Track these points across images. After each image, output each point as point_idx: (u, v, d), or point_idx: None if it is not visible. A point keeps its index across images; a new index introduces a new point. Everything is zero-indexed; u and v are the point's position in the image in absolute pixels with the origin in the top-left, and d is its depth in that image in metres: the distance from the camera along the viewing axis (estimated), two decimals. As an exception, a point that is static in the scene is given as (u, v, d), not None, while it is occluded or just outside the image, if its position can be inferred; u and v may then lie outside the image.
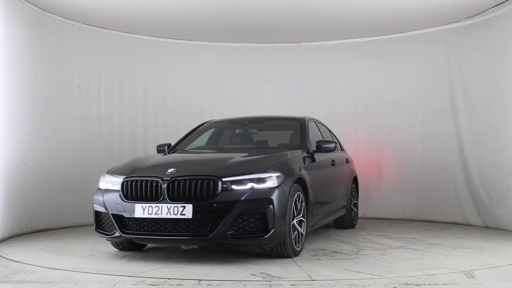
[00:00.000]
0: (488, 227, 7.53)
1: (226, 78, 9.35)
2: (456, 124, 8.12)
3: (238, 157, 5.23)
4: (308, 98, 9.25)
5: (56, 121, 7.64)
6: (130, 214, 4.78)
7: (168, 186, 4.71)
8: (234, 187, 4.67)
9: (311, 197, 5.46)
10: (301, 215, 5.14)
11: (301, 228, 5.16)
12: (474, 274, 4.39)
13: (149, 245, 5.63)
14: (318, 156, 6.05)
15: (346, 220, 7.38)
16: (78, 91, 8.04)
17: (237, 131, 6.85)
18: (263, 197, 4.65)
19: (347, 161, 7.44)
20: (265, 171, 4.79)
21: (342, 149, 7.68)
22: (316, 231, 7.14)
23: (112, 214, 4.90)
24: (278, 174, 4.82)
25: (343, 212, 7.14)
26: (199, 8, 7.46)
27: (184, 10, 7.56)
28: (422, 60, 8.63)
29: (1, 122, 6.40)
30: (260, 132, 6.80)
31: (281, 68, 9.42)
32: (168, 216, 4.63)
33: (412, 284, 4.00)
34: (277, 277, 4.20)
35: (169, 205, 4.66)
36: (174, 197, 4.69)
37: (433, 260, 4.93)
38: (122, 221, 4.87)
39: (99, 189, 5.20)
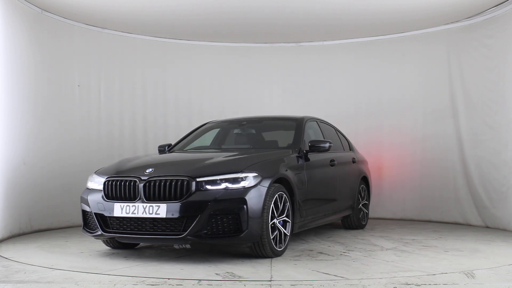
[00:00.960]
0: (488, 227, 7.53)
1: (226, 78, 9.35)
2: (456, 124, 8.12)
3: (220, 157, 5.30)
4: (308, 98, 9.25)
5: (56, 121, 7.64)
6: (110, 213, 4.92)
7: (144, 186, 4.82)
8: (208, 187, 4.73)
9: (298, 197, 5.45)
10: (284, 215, 5.15)
11: (285, 228, 5.17)
12: (474, 274, 4.39)
13: (141, 243, 5.71)
14: (313, 156, 6.05)
15: (353, 221, 7.30)
16: (78, 91, 8.04)
17: (235, 131, 6.90)
18: (237, 197, 4.68)
19: (354, 161, 7.36)
20: (240, 171, 4.83)
21: (351, 149, 7.62)
22: (318, 231, 7.13)
23: (95, 213, 5.05)
24: (254, 174, 4.86)
25: (348, 212, 7.08)
26: (199, 8, 7.46)
27: (184, 10, 7.56)
28: (422, 60, 8.62)
29: (1, 122, 6.40)
30: (258, 132, 6.81)
31: (281, 68, 9.42)
32: (144, 215, 4.74)
33: (412, 284, 4.00)
34: (239, 276, 4.23)
35: (145, 204, 4.77)
36: (150, 197, 4.79)
37: (412, 263, 4.78)
38: (105, 220, 5.00)
39: (87, 188, 5.36)
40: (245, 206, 4.66)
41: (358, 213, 7.34)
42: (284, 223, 5.17)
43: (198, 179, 4.74)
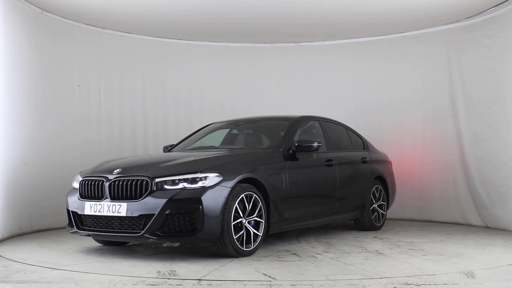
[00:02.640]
0: (488, 227, 7.54)
1: (226, 78, 9.35)
2: (456, 124, 8.12)
3: (189, 157, 5.40)
4: (308, 98, 9.24)
5: (56, 121, 7.64)
6: (81, 211, 5.19)
7: (110, 186, 5.04)
8: (167, 187, 4.85)
9: (274, 197, 5.45)
10: (254, 215, 5.18)
11: (258, 228, 5.22)
12: (474, 274, 4.39)
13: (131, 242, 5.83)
14: (304, 156, 6.04)
15: (365, 222, 7.12)
16: (78, 91, 8.04)
17: (232, 132, 6.97)
18: (193, 197, 4.77)
19: (364, 161, 7.18)
20: (199, 172, 4.91)
21: (365, 149, 7.50)
22: (323, 231, 7.09)
23: (72, 211, 5.36)
24: (215, 174, 4.93)
25: (355, 213, 6.94)
26: (199, 8, 7.46)
27: (184, 10, 7.56)
28: (422, 60, 8.62)
29: (1, 122, 6.40)
30: (254, 132, 6.81)
31: (281, 68, 9.42)
32: (108, 213, 4.97)
33: (412, 284, 4.00)
34: (174, 274, 4.31)
35: (109, 203, 4.99)
36: (115, 196, 4.99)
37: (373, 268, 4.63)
38: (80, 218, 5.26)
39: (72, 188, 5.63)
40: (200, 206, 4.74)
41: (370, 214, 7.14)
42: (257, 223, 5.23)
43: (157, 179, 4.88)
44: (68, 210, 5.47)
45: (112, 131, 8.44)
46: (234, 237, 4.94)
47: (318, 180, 6.28)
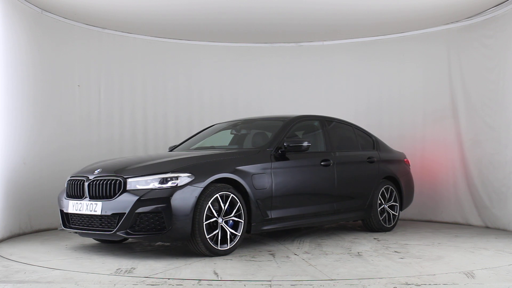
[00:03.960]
0: (488, 227, 7.53)
1: (226, 78, 9.35)
2: (456, 124, 8.12)
3: (168, 158, 5.52)
4: (308, 98, 9.24)
5: (56, 121, 7.64)
6: (66, 210, 5.43)
7: (89, 186, 5.25)
8: (138, 186, 5.01)
9: (255, 197, 5.48)
10: (232, 215, 5.24)
11: (236, 228, 5.28)
12: (474, 274, 4.39)
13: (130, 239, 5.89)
14: (296, 156, 6.03)
15: (373, 223, 6.99)
16: (78, 91, 8.04)
17: (231, 132, 7.00)
18: (161, 196, 4.90)
19: (371, 161, 7.06)
20: (170, 172, 5.04)
21: (376, 148, 7.37)
22: (329, 232, 7.07)
23: (60, 210, 5.61)
24: (187, 174, 5.04)
25: (358, 214, 6.83)
26: (199, 8, 7.46)
27: (184, 10, 7.56)
28: (422, 60, 8.63)
29: (1, 122, 6.40)
30: (251, 133, 6.81)
31: (281, 68, 9.42)
32: (87, 212, 5.17)
33: (412, 284, 4.00)
34: (132, 272, 4.42)
35: (88, 202, 5.20)
36: (93, 196, 5.20)
37: (331, 270, 4.56)
38: (67, 216, 5.48)
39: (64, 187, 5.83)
40: (168, 205, 4.86)
41: (378, 215, 6.98)
42: (236, 223, 5.29)
43: (129, 179, 5.04)
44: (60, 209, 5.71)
45: (112, 131, 8.44)
46: (207, 237, 5.02)
47: (311, 180, 6.24)
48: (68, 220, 5.47)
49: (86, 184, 5.26)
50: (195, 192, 4.99)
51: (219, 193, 5.14)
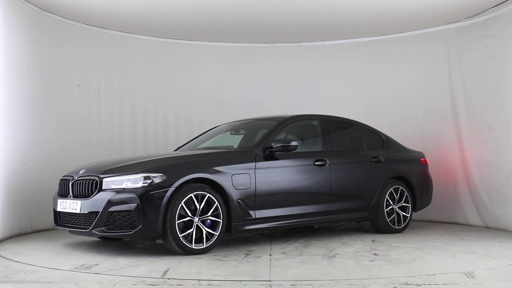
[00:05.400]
0: (488, 227, 7.53)
1: (226, 78, 9.35)
2: (456, 124, 8.12)
3: (145, 158, 5.71)
4: (308, 98, 9.24)
5: (56, 121, 7.64)
6: (56, 208, 5.71)
7: (72, 185, 5.52)
8: (113, 186, 5.22)
9: (236, 197, 5.54)
10: (208, 215, 5.33)
11: (214, 228, 5.36)
12: (474, 274, 4.39)
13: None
14: (285, 156, 6.02)
15: (380, 224, 6.85)
16: (78, 91, 8.04)
17: (231, 132, 7.03)
18: (132, 196, 5.09)
19: (378, 161, 6.92)
20: (142, 172, 5.21)
21: (385, 147, 7.21)
22: (334, 233, 7.06)
23: (53, 208, 5.84)
24: (159, 174, 5.20)
25: (360, 214, 6.70)
26: (199, 8, 7.46)
27: (184, 10, 7.56)
28: (422, 60, 8.62)
29: (1, 122, 6.40)
30: (248, 133, 6.82)
31: (281, 68, 9.42)
32: (70, 210, 5.43)
33: (412, 284, 4.00)
34: (89, 268, 4.63)
35: (71, 201, 5.45)
36: (75, 195, 5.46)
37: (283, 271, 4.53)
38: (58, 214, 5.71)
39: None
40: (138, 204, 5.04)
41: (385, 216, 6.82)
42: (213, 223, 5.38)
43: (105, 179, 5.26)
44: None
45: (112, 131, 8.44)
46: (180, 235, 5.14)
47: (301, 181, 6.18)
48: (59, 218, 5.69)
49: (70, 183, 5.53)
50: (167, 192, 5.13)
51: (194, 193, 5.26)
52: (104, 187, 5.23)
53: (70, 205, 5.44)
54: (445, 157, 8.25)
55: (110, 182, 5.23)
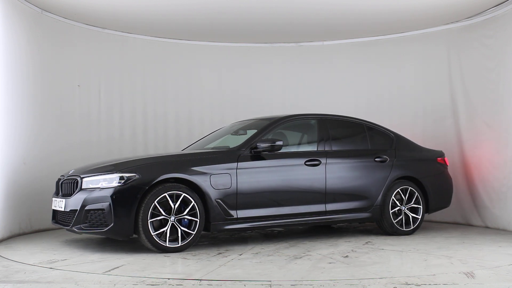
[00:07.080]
0: (488, 227, 7.53)
1: (226, 78, 9.35)
2: (456, 124, 8.12)
3: (126, 159, 5.87)
4: (308, 98, 9.24)
5: (56, 121, 7.64)
6: (52, 206, 5.97)
7: (61, 184, 5.84)
8: (90, 185, 5.46)
9: (215, 197, 5.63)
10: (184, 214, 5.45)
11: (191, 227, 5.49)
12: (474, 274, 4.39)
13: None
14: (272, 156, 6.03)
15: (385, 226, 6.69)
16: (78, 91, 8.04)
17: (230, 133, 7.04)
18: (104, 195, 5.31)
19: (382, 161, 6.77)
20: (115, 172, 5.41)
21: (394, 147, 7.04)
22: (335, 234, 7.04)
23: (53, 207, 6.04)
24: (132, 174, 5.39)
25: (360, 215, 6.55)
26: (199, 8, 7.46)
27: (185, 10, 7.56)
28: (422, 60, 8.62)
29: (1, 122, 6.40)
30: (247, 133, 6.76)
31: (281, 68, 9.42)
32: (58, 208, 5.72)
33: (412, 284, 4.01)
34: (55, 262, 4.86)
35: (59, 199, 5.73)
36: (63, 194, 5.76)
37: (250, 270, 4.51)
38: (55, 212, 5.94)
39: None
40: (110, 203, 5.25)
41: (390, 217, 6.64)
42: (191, 222, 5.52)
43: (84, 179, 5.51)
44: None
45: (112, 131, 8.44)
46: (153, 234, 5.30)
47: (289, 181, 6.13)
48: (56, 216, 5.93)
49: (60, 183, 5.86)
50: (140, 191, 5.30)
51: (168, 193, 5.40)
52: (83, 186, 5.47)
53: (58, 204, 5.72)
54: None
55: (89, 181, 5.47)
